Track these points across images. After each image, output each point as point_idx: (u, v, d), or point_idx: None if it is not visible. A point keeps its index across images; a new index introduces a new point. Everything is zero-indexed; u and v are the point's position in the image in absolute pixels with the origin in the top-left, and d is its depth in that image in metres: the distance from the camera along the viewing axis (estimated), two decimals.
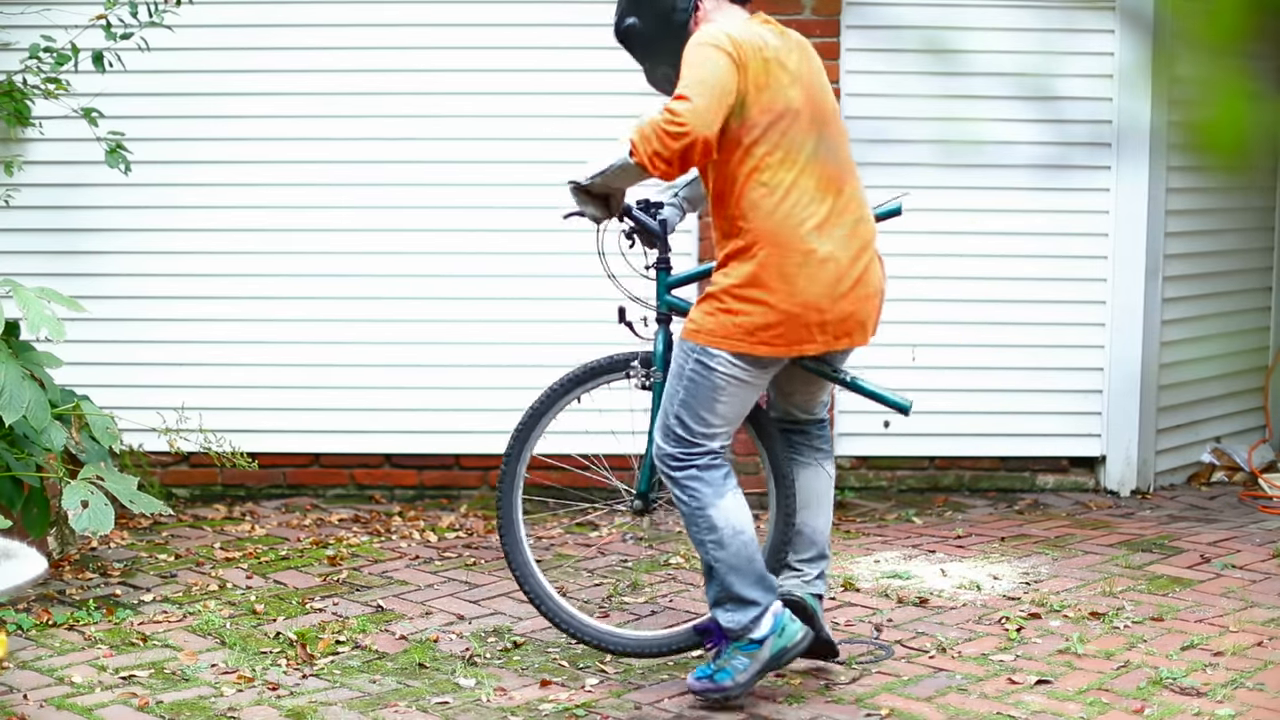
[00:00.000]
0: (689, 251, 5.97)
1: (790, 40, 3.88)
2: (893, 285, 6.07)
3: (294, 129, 5.94)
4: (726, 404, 3.83)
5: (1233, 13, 1.43)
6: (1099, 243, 6.10)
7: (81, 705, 3.86)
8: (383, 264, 5.98)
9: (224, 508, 5.89)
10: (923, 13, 5.93)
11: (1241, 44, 1.43)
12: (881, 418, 6.05)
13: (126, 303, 5.96)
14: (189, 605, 4.68)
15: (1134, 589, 4.92)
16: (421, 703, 3.91)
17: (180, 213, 5.96)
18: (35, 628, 4.43)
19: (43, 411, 4.56)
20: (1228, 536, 5.58)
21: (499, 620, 4.59)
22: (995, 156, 5.91)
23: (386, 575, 5.05)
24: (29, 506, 4.75)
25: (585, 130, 5.85)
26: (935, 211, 6.03)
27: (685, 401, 3.83)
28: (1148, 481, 6.28)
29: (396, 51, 5.93)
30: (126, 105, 5.73)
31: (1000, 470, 6.22)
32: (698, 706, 3.91)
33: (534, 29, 5.94)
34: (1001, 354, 6.12)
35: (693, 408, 3.83)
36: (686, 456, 3.84)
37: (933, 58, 5.50)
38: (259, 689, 3.99)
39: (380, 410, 5.94)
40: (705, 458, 3.84)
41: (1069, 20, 5.96)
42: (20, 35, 5.67)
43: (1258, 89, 1.50)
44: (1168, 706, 3.90)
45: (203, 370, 5.98)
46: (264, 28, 5.92)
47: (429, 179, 5.97)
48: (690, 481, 3.84)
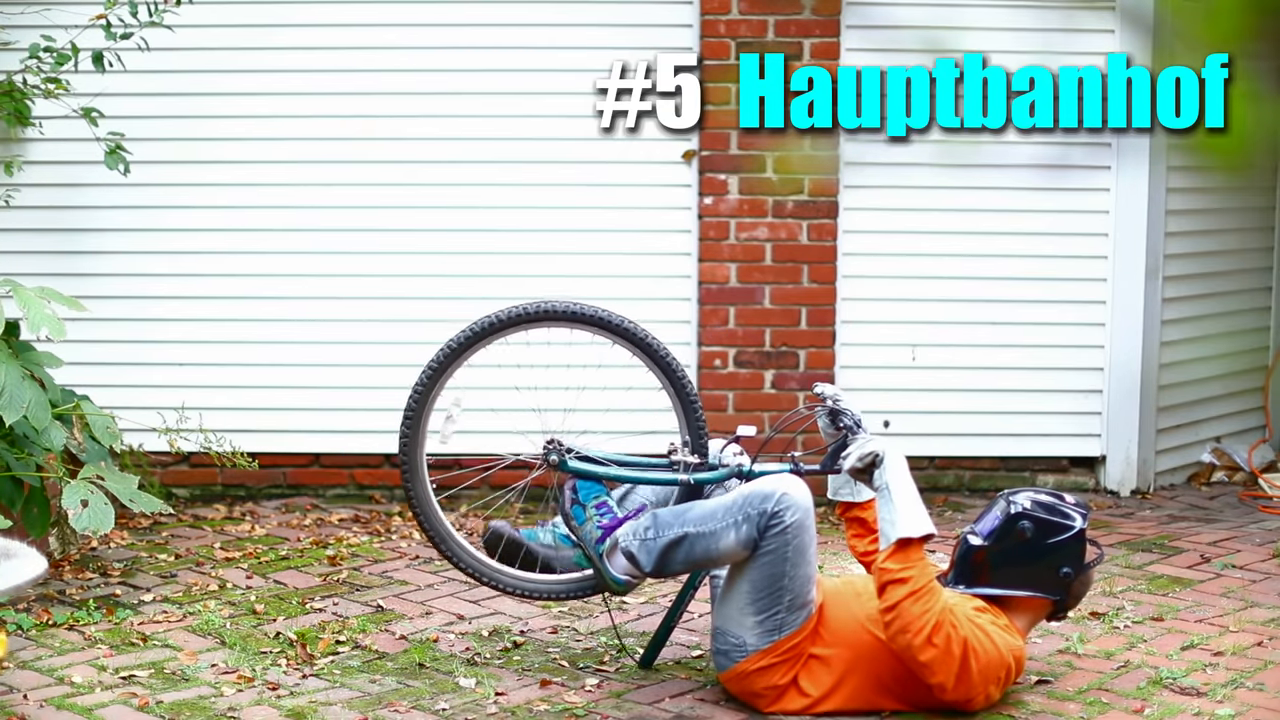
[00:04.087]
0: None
1: None
2: (893, 285, 6.11)
3: (294, 129, 5.94)
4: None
5: (1233, 13, 1.43)
6: (1099, 243, 6.10)
7: (81, 705, 3.86)
8: (382, 264, 5.98)
9: (224, 508, 5.90)
10: (923, 13, 5.94)
11: (1241, 44, 1.43)
12: (881, 417, 6.05)
13: (126, 303, 5.96)
14: (189, 605, 4.68)
15: (1134, 589, 4.92)
16: (421, 703, 3.91)
17: (180, 213, 5.96)
18: (35, 628, 4.43)
19: (43, 411, 4.56)
20: (1228, 536, 5.58)
21: (499, 620, 4.59)
22: (995, 156, 5.91)
23: (386, 575, 5.05)
24: (29, 506, 4.75)
25: (586, 130, 5.86)
26: (935, 211, 6.03)
27: (694, 540, 3.89)
28: (1148, 481, 6.28)
29: (397, 52, 5.93)
30: (126, 105, 5.73)
31: (1000, 470, 6.22)
32: (697, 707, 3.91)
33: (534, 29, 5.94)
34: (1001, 354, 6.12)
35: (691, 551, 3.89)
36: (638, 551, 3.95)
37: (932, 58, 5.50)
38: (259, 689, 3.99)
39: (380, 410, 5.93)
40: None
41: (1069, 20, 5.96)
42: (20, 35, 5.67)
43: (1258, 89, 1.50)
44: (1168, 706, 3.90)
45: (203, 370, 5.98)
46: (264, 28, 5.92)
47: (429, 179, 5.97)
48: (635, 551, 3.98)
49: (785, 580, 3.80)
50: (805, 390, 5.97)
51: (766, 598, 3.81)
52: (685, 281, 6.02)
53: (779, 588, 3.80)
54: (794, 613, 3.81)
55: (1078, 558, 3.94)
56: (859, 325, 6.06)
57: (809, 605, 3.83)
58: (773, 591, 3.80)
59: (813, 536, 3.84)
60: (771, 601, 3.81)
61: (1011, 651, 3.82)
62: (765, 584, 3.81)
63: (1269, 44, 5.37)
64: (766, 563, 3.80)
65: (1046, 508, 3.96)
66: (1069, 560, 3.93)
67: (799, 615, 3.81)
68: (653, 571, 3.94)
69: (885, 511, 3.75)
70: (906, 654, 3.70)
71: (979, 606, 3.88)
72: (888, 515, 3.74)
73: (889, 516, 3.73)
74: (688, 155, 5.95)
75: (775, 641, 3.81)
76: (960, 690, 3.74)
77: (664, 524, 3.92)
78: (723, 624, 3.90)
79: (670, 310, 6.00)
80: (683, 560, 3.91)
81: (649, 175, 5.98)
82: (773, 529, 3.78)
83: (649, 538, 3.93)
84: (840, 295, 6.02)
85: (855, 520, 4.22)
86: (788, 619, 3.81)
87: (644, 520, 3.96)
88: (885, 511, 3.75)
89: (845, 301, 6.04)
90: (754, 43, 5.84)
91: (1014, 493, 4.04)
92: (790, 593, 3.80)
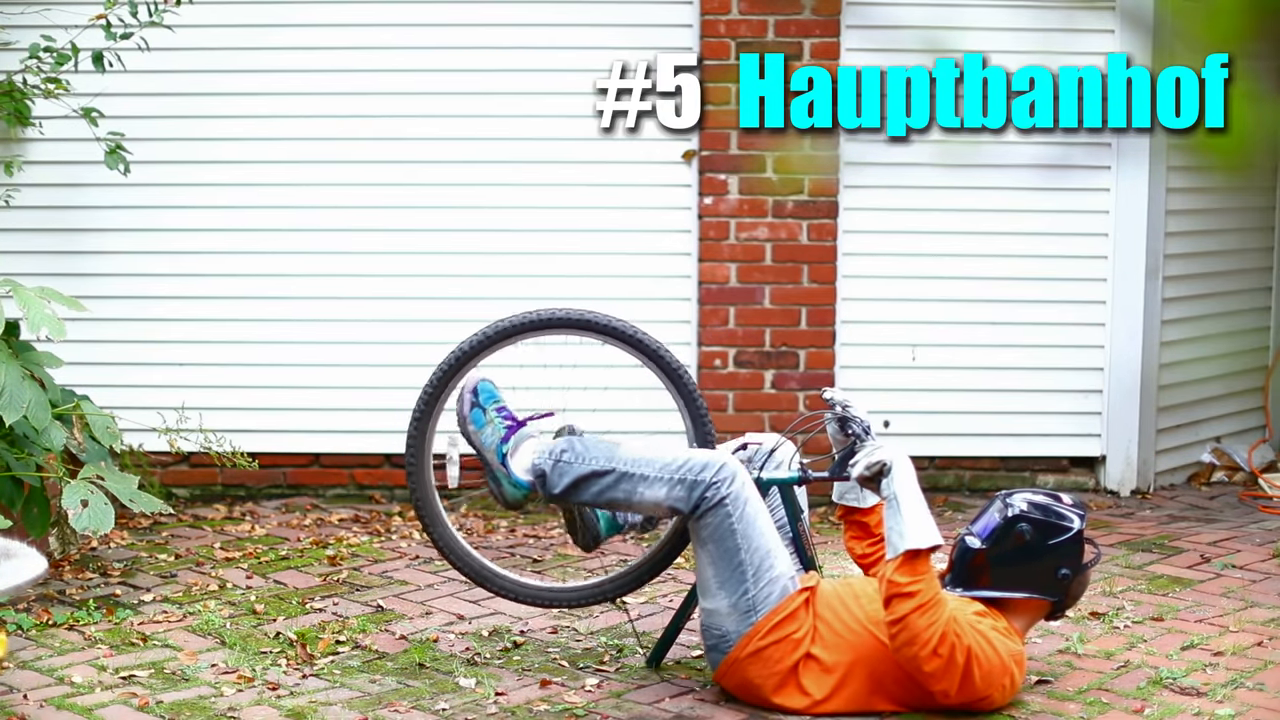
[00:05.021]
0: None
1: None
2: (893, 285, 6.11)
3: (293, 129, 5.94)
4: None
5: (1233, 13, 1.43)
6: (1099, 243, 6.10)
7: (81, 705, 3.86)
8: (382, 264, 5.98)
9: (224, 508, 5.90)
10: (923, 13, 5.94)
11: (1241, 44, 1.43)
12: (882, 417, 6.05)
13: (126, 303, 5.96)
14: (189, 605, 4.68)
15: (1134, 589, 4.92)
16: (421, 703, 3.91)
17: (180, 213, 5.96)
18: (35, 628, 4.43)
19: (43, 411, 4.56)
20: (1228, 536, 5.58)
21: (499, 620, 4.59)
22: (995, 156, 5.91)
23: (386, 575, 5.05)
24: (29, 506, 4.75)
25: (586, 130, 5.86)
26: (935, 211, 6.03)
27: (620, 479, 3.87)
28: (1148, 481, 6.28)
29: (396, 52, 5.93)
30: (126, 105, 5.73)
31: (1000, 470, 6.22)
32: (698, 707, 3.91)
33: (534, 29, 5.94)
34: (1001, 354, 6.12)
35: (612, 489, 3.88)
36: (550, 471, 3.90)
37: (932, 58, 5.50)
38: (259, 689, 3.99)
39: (380, 410, 5.93)
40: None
41: (1069, 20, 5.96)
42: (20, 35, 5.67)
43: (1258, 89, 1.50)
44: (1168, 706, 3.90)
45: (203, 370, 5.98)
46: (264, 28, 5.92)
47: (429, 179, 5.97)
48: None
49: (742, 554, 3.79)
50: (805, 390, 5.98)
51: (731, 578, 3.80)
52: (685, 281, 6.02)
53: (738, 563, 3.79)
54: (763, 587, 3.79)
55: (1076, 558, 3.94)
56: (859, 325, 6.06)
57: (780, 580, 3.81)
58: (734, 569, 3.80)
59: (759, 509, 3.83)
60: (736, 581, 3.80)
61: (1013, 657, 3.82)
62: (723, 563, 3.81)
63: (1269, 44, 5.37)
64: (715, 539, 3.80)
65: (1044, 509, 3.96)
66: (1067, 561, 3.93)
67: (771, 590, 3.80)
68: (557, 494, 3.89)
69: (893, 521, 3.72)
70: (912, 664, 3.70)
71: (979, 611, 3.88)
72: (895, 525, 3.71)
73: (897, 527, 3.71)
74: (688, 155, 5.95)
75: (755, 623, 3.80)
76: (963, 696, 3.74)
77: (587, 453, 3.89)
78: (705, 620, 3.90)
79: (670, 310, 6.00)
80: (595, 494, 3.88)
81: (649, 175, 5.98)
82: (708, 500, 3.79)
83: (565, 459, 3.89)
84: (840, 295, 6.02)
85: (856, 523, 4.22)
86: (759, 595, 3.79)
87: (559, 443, 3.92)
88: (893, 521, 3.72)
89: (845, 301, 6.04)
90: (754, 43, 5.84)
91: (1011, 494, 4.03)
92: (751, 566, 3.79)
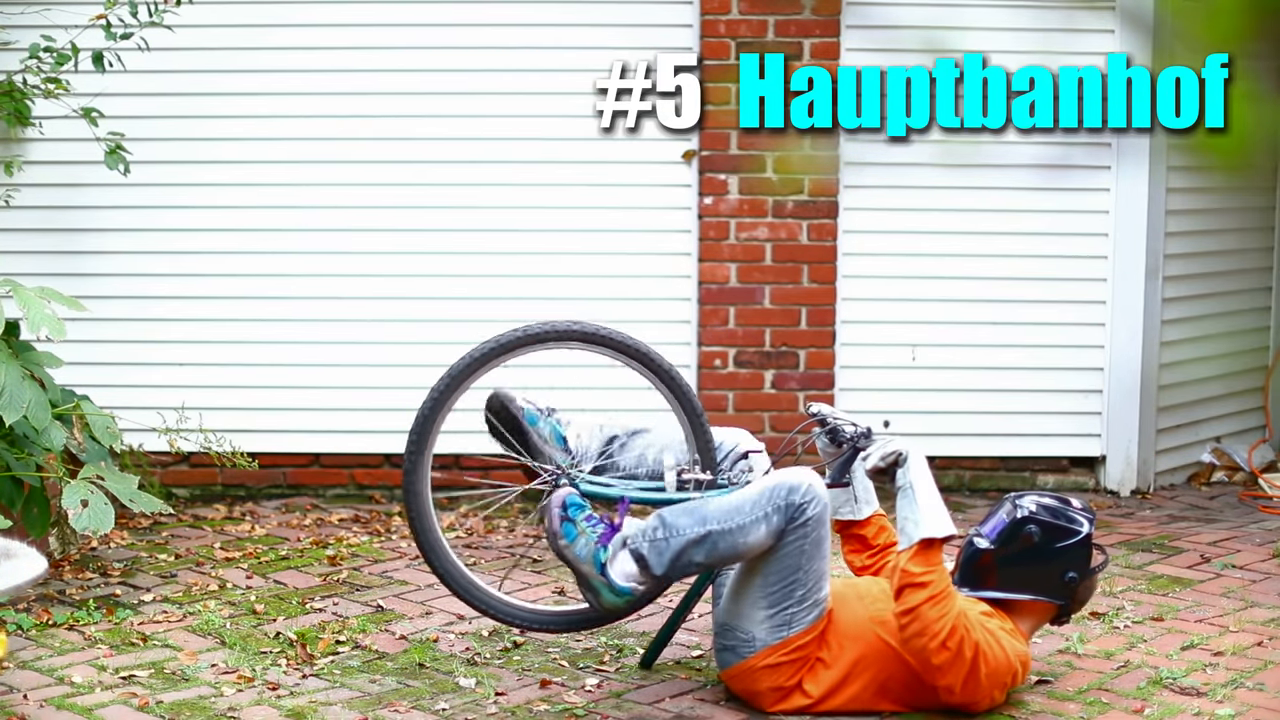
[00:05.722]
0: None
1: None
2: (893, 285, 6.11)
3: (293, 129, 5.94)
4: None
5: (1233, 13, 1.43)
6: (1099, 243, 6.10)
7: (81, 705, 3.86)
8: (382, 264, 5.98)
9: (224, 508, 5.90)
10: (923, 13, 5.94)
11: (1241, 44, 1.44)
12: (881, 417, 6.05)
13: (126, 303, 5.96)
14: (189, 605, 4.68)
15: (1134, 589, 4.92)
16: (421, 703, 3.91)
17: (180, 213, 5.96)
18: (35, 628, 4.43)
19: (43, 411, 4.56)
20: (1228, 536, 5.58)
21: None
22: (995, 156, 5.91)
23: (386, 575, 5.05)
24: (29, 506, 4.75)
25: (586, 130, 5.87)
26: (935, 211, 6.03)
27: (718, 537, 3.79)
28: (1148, 481, 6.28)
29: (396, 52, 5.93)
30: (126, 105, 5.73)
31: (1000, 470, 6.22)
32: (698, 707, 3.91)
33: (534, 29, 5.94)
34: (1001, 354, 6.12)
35: (715, 548, 3.79)
36: (648, 553, 3.83)
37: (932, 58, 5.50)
38: (259, 689, 3.99)
39: (380, 410, 5.93)
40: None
41: (1069, 20, 5.96)
42: (20, 35, 5.67)
43: (1258, 89, 1.50)
44: (1168, 706, 3.90)
45: (203, 370, 5.98)
46: (264, 28, 5.92)
47: (429, 179, 5.97)
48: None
49: (800, 574, 3.78)
50: (805, 390, 5.98)
51: (779, 591, 3.80)
52: (685, 281, 6.02)
53: (793, 580, 3.79)
54: (805, 609, 3.79)
55: (1083, 562, 3.94)
56: (859, 325, 6.06)
57: (820, 605, 3.82)
58: (787, 585, 3.79)
59: (829, 532, 3.84)
60: (784, 595, 3.80)
61: (1018, 657, 3.82)
62: (780, 577, 3.79)
63: (1269, 44, 5.37)
64: (785, 554, 3.78)
65: (1053, 512, 3.96)
66: (1075, 565, 3.92)
67: (810, 613, 3.80)
68: (664, 573, 3.82)
69: (908, 510, 3.74)
70: (920, 656, 3.70)
71: (986, 611, 3.88)
72: (911, 514, 3.72)
73: (912, 516, 3.72)
74: (688, 155, 5.95)
75: (785, 638, 3.80)
76: (967, 693, 3.74)
77: (677, 524, 3.82)
78: (730, 619, 3.89)
79: (670, 310, 6.01)
80: (703, 559, 3.81)
81: (649, 175, 5.98)
82: (796, 521, 3.76)
83: (659, 538, 3.81)
84: (840, 295, 6.02)
85: (854, 537, 4.22)
86: (798, 614, 3.80)
87: (650, 521, 3.86)
88: (908, 510, 3.74)
89: (845, 301, 6.04)
90: (754, 43, 5.84)
91: (1020, 496, 4.03)
92: (803, 586, 3.79)
